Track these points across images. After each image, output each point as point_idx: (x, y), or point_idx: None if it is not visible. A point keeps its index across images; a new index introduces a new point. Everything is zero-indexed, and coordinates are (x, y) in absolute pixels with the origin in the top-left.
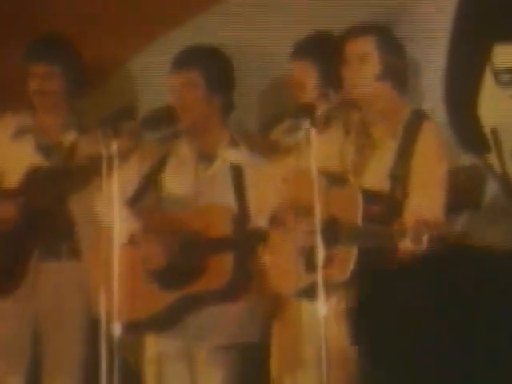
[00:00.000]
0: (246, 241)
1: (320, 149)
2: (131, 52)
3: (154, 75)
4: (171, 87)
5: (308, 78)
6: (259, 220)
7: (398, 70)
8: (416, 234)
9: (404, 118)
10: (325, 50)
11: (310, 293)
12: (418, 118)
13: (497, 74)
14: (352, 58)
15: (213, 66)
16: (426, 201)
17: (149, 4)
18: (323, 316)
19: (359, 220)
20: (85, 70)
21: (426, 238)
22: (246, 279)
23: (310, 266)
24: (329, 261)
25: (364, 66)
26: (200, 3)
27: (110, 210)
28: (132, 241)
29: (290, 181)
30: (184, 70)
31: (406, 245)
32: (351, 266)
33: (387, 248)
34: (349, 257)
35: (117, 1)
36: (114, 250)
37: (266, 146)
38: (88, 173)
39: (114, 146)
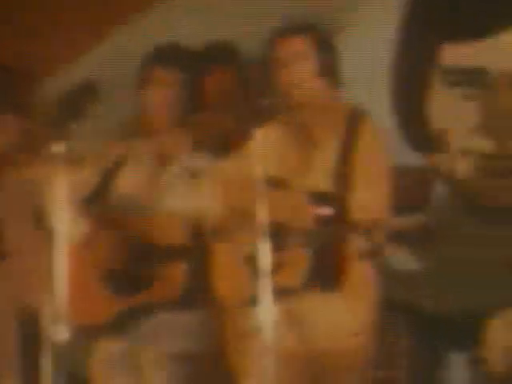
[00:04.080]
0: (200, 249)
1: (263, 151)
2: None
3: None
4: (149, 84)
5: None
6: (208, 227)
7: (334, 68)
8: (366, 231)
9: (343, 116)
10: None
11: (257, 300)
12: (358, 115)
13: (445, 74)
14: (288, 57)
15: (189, 67)
16: (370, 195)
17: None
18: (270, 324)
19: (307, 222)
20: None
21: (376, 233)
22: (199, 289)
23: (259, 273)
24: (278, 266)
25: (300, 64)
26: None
27: (59, 211)
28: (83, 243)
29: (234, 186)
30: (167, 69)
31: (357, 242)
32: (304, 270)
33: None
34: (300, 261)
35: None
36: (61, 251)
37: (227, 149)
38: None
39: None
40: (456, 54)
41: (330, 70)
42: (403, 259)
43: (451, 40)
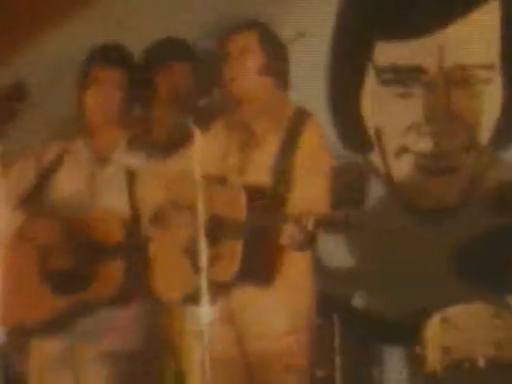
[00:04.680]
0: (136, 247)
1: (203, 149)
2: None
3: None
4: (87, 83)
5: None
6: (145, 224)
7: (280, 67)
8: (300, 219)
9: (287, 115)
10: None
11: (195, 297)
12: (302, 115)
13: (379, 73)
14: (233, 52)
15: (130, 66)
16: (309, 192)
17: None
18: (208, 321)
19: (243, 216)
20: None
21: (311, 221)
22: (136, 286)
23: (197, 267)
24: (215, 259)
25: (245, 59)
26: None
27: None
28: (20, 241)
29: (173, 182)
30: (105, 68)
31: (291, 231)
32: (237, 261)
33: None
34: (234, 253)
35: None
36: None
37: (159, 147)
38: None
39: None
40: (390, 52)
41: (275, 69)
42: (337, 255)
43: (385, 38)
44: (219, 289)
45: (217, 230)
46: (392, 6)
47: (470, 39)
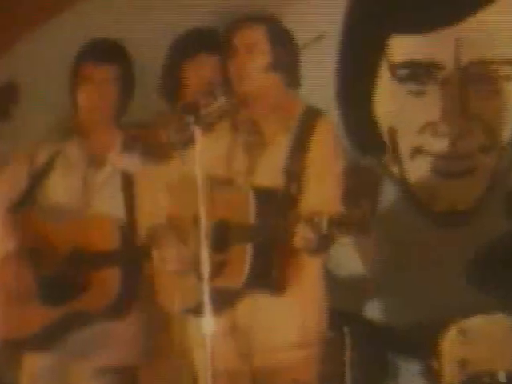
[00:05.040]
0: (133, 254)
1: (207, 151)
2: None
3: None
4: (81, 82)
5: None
6: (145, 232)
7: (289, 63)
8: (313, 219)
9: (298, 113)
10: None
11: (199, 307)
12: (313, 114)
13: (393, 69)
14: (240, 48)
15: (124, 64)
16: (321, 194)
17: None
18: (211, 332)
19: (251, 219)
20: None
21: (324, 221)
22: (134, 296)
23: (201, 277)
24: (222, 266)
25: (252, 56)
26: None
27: None
28: (9, 255)
29: (176, 187)
30: (103, 65)
31: (304, 231)
32: (246, 267)
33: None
34: (242, 258)
35: None
36: None
37: (159, 149)
38: None
39: None
40: (405, 47)
41: (285, 67)
42: (347, 262)
43: (399, 31)
44: (225, 298)
45: (223, 234)
46: None
47: (491, 32)
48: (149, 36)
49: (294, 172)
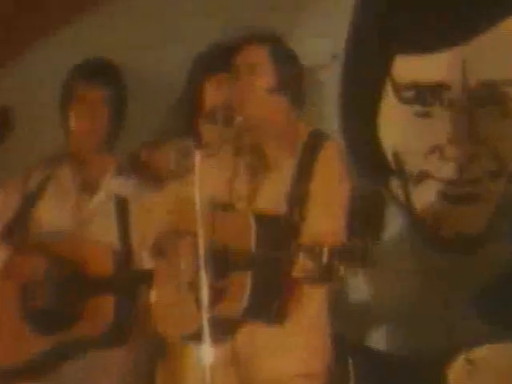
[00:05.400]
0: (128, 281)
1: (208, 175)
2: None
3: None
4: (73, 104)
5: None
6: (142, 257)
7: (294, 84)
8: (314, 249)
9: (303, 137)
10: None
11: (198, 336)
12: (319, 138)
13: (398, 90)
14: (242, 69)
15: (116, 86)
16: (325, 222)
17: None
18: (211, 362)
19: (252, 246)
20: None
21: (325, 252)
22: (129, 324)
23: (200, 304)
24: (222, 294)
25: (255, 77)
26: None
27: None
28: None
29: (175, 211)
30: (96, 85)
31: (304, 262)
32: (246, 296)
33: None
34: (242, 287)
35: None
36: None
37: (155, 174)
38: None
39: None
40: (411, 68)
41: (289, 87)
42: (351, 290)
43: (405, 52)
44: (225, 326)
45: (223, 261)
46: (411, 16)
47: (499, 52)
48: (145, 57)
49: (298, 198)
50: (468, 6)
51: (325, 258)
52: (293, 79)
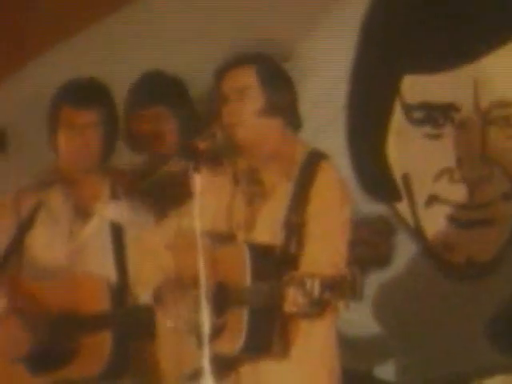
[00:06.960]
0: (126, 317)
1: (207, 201)
2: None
3: None
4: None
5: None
6: (141, 294)
7: (286, 105)
8: (305, 283)
9: (299, 160)
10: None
11: (199, 374)
12: (315, 159)
13: (407, 111)
14: (230, 95)
15: (107, 106)
16: (324, 253)
17: None
18: None
19: (247, 279)
20: None
21: (316, 285)
22: (127, 362)
23: (199, 341)
24: (220, 331)
25: (244, 103)
26: None
27: None
28: None
29: (174, 246)
30: (85, 108)
31: (294, 296)
32: (243, 332)
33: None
34: (239, 323)
35: None
36: None
37: (151, 199)
38: None
39: None
40: (420, 87)
41: (281, 109)
42: (357, 319)
43: (414, 71)
44: (226, 362)
45: (221, 296)
46: (421, 35)
47: (510, 71)
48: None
49: (295, 226)
50: (478, 25)
51: (316, 292)
52: (284, 99)
